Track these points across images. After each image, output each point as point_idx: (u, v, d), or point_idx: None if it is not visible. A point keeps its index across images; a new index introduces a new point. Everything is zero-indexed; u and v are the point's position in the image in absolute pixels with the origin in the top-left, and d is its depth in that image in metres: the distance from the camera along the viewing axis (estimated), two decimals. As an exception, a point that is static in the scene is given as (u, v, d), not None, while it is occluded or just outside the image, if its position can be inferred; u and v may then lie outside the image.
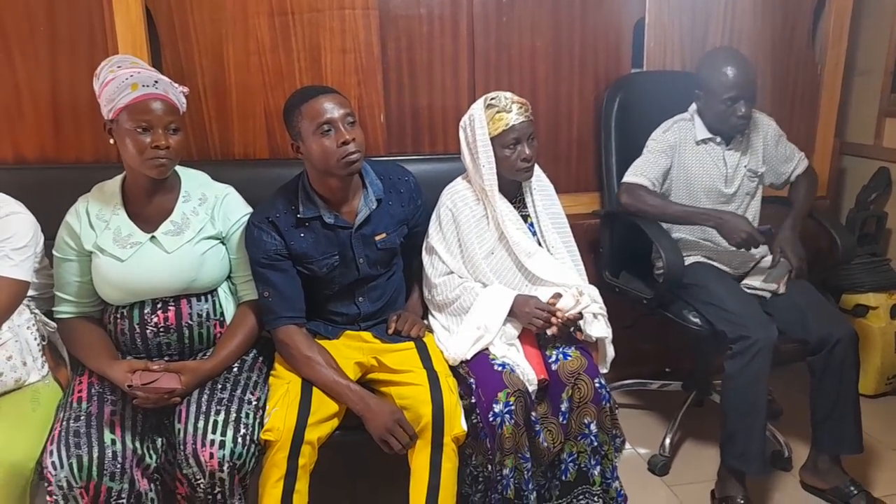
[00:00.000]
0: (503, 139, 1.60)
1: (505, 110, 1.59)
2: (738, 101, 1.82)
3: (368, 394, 1.47)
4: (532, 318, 1.57)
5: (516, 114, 1.59)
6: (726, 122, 1.87)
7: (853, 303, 2.36)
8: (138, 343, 1.50)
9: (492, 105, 1.61)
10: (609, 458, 1.56)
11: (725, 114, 1.85)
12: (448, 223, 1.67)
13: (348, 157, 1.46)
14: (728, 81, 1.82)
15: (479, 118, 1.61)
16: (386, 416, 1.41)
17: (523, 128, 1.60)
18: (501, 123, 1.59)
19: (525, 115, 1.60)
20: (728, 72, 1.83)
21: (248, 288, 1.58)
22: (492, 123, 1.60)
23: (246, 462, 1.36)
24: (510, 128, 1.59)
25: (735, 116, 1.84)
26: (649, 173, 1.92)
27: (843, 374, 1.74)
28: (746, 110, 1.83)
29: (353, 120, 1.49)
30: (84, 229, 1.48)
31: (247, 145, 2.01)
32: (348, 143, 1.46)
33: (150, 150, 1.39)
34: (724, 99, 1.83)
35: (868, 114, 2.50)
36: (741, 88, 1.82)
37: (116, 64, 1.42)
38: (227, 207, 1.57)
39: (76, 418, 1.36)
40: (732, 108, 1.83)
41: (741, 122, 1.85)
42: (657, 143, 1.95)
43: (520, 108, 1.60)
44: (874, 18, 2.45)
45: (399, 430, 1.40)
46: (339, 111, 1.47)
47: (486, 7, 2.07)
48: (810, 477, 1.87)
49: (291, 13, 1.94)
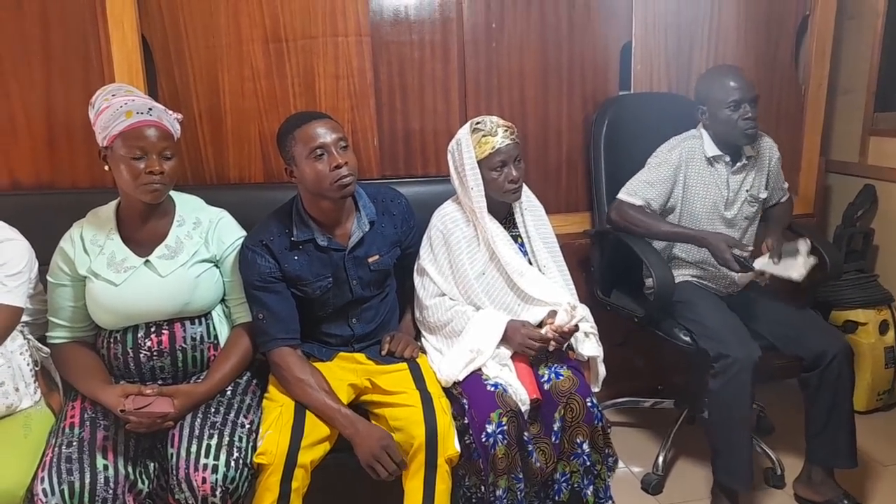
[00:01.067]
0: (490, 162, 1.62)
1: (491, 134, 1.62)
2: (742, 103, 1.84)
3: (358, 418, 1.47)
4: (525, 347, 1.59)
5: (502, 137, 1.62)
6: (735, 128, 1.86)
7: (843, 319, 2.38)
8: (132, 367, 1.51)
9: (478, 129, 1.64)
10: (602, 477, 1.57)
11: (732, 118, 1.85)
12: (439, 245, 1.69)
13: (341, 181, 1.49)
14: (730, 87, 1.85)
15: (466, 142, 1.64)
16: (373, 442, 1.41)
17: (509, 150, 1.62)
18: (488, 147, 1.62)
19: (511, 138, 1.63)
20: (727, 80, 1.87)
21: (241, 311, 1.59)
22: (478, 147, 1.63)
23: (239, 486, 1.35)
24: (496, 150, 1.61)
25: (742, 119, 1.85)
26: (645, 193, 1.93)
27: (839, 389, 1.75)
28: (753, 112, 1.85)
29: (345, 144, 1.52)
30: (78, 254, 1.49)
31: (242, 169, 2.03)
32: (341, 167, 1.48)
33: (144, 176, 1.41)
34: (729, 103, 1.85)
35: (852, 132, 2.54)
36: (744, 91, 1.85)
37: (111, 92, 1.45)
38: (221, 231, 1.58)
39: (68, 444, 1.36)
40: (738, 111, 1.85)
41: (749, 124, 1.85)
42: (660, 161, 1.95)
43: (505, 130, 1.63)
44: (856, 39, 2.51)
45: (385, 458, 1.40)
46: (331, 136, 1.49)
47: (476, 32, 2.11)
48: (804, 490, 1.87)
49: (285, 40, 1.97)
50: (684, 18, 2.26)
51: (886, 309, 2.37)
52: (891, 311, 2.38)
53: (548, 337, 1.58)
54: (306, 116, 1.54)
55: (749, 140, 1.91)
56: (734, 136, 1.89)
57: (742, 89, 1.85)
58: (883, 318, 2.35)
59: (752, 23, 2.33)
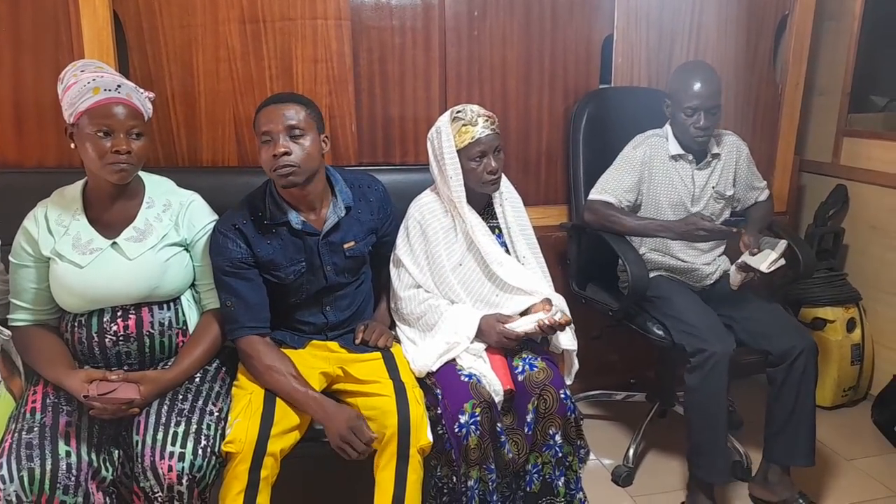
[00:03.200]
0: (469, 152, 1.61)
1: (471, 123, 1.61)
2: (698, 111, 1.86)
3: (327, 400, 1.46)
4: (502, 343, 1.59)
5: (482, 127, 1.60)
6: (687, 133, 1.90)
7: (811, 316, 2.42)
8: (96, 352, 1.47)
9: (458, 118, 1.62)
10: (573, 469, 1.58)
11: (686, 124, 1.88)
12: (416, 235, 1.68)
13: (280, 171, 1.46)
14: (690, 92, 1.86)
15: (446, 131, 1.62)
16: (341, 423, 1.40)
17: (489, 140, 1.61)
18: (467, 136, 1.60)
19: (491, 128, 1.62)
20: (692, 83, 1.87)
21: (212, 296, 1.56)
22: (458, 136, 1.61)
23: (206, 475, 1.33)
24: (476, 140, 1.60)
25: (694, 127, 1.87)
26: (615, 190, 1.95)
27: (802, 386, 1.78)
28: (706, 122, 1.86)
29: (299, 133, 1.47)
30: (42, 235, 1.44)
31: (215, 152, 1.99)
32: (279, 157, 1.45)
33: (110, 155, 1.36)
34: (686, 108, 1.87)
35: (826, 133, 2.59)
36: (702, 99, 1.85)
37: (80, 68, 1.40)
38: (191, 214, 1.55)
39: (29, 429, 1.32)
40: (692, 118, 1.87)
41: (699, 133, 1.88)
42: (625, 159, 1.98)
43: (486, 120, 1.62)
44: (833, 41, 2.54)
45: (353, 438, 1.39)
46: (282, 123, 1.45)
47: (458, 20, 2.09)
48: (760, 490, 1.89)
49: (263, 21, 1.93)
50: (666, 13, 2.27)
51: (854, 307, 2.42)
52: (858, 310, 2.43)
53: (521, 333, 1.57)
54: (272, 99, 1.51)
55: (699, 146, 1.94)
56: (686, 139, 1.93)
57: (702, 97, 1.85)
58: (851, 316, 2.40)
59: (733, 20, 2.34)
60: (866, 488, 1.99)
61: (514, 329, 1.58)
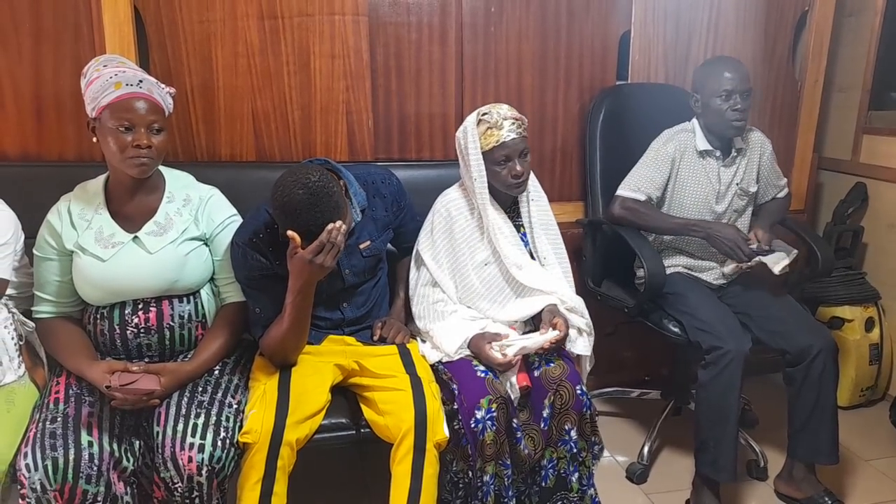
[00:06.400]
0: (493, 155, 1.59)
1: (496, 126, 1.58)
2: (734, 94, 1.85)
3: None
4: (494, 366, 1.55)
5: (507, 130, 1.58)
6: (723, 118, 1.87)
7: (829, 315, 2.40)
8: (118, 344, 1.49)
9: (483, 120, 1.60)
10: (586, 464, 1.58)
11: (722, 108, 1.86)
12: (440, 231, 1.67)
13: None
14: (724, 76, 1.86)
15: (472, 132, 1.61)
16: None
17: (514, 144, 1.59)
18: (492, 140, 1.59)
19: (517, 132, 1.59)
20: (722, 70, 1.87)
21: (231, 290, 1.58)
22: (483, 139, 1.60)
23: (225, 466, 1.35)
24: (500, 144, 1.58)
25: (731, 110, 1.85)
26: (646, 188, 1.94)
27: (822, 385, 1.76)
28: (743, 104, 1.85)
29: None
30: (65, 228, 1.47)
31: (233, 147, 2.00)
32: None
33: (131, 149, 1.38)
34: (721, 93, 1.85)
35: (846, 130, 2.55)
36: (736, 82, 1.85)
37: (103, 63, 1.42)
38: (211, 209, 1.56)
39: (52, 420, 1.35)
40: (728, 101, 1.85)
41: (737, 115, 1.86)
42: (657, 154, 1.95)
43: (512, 123, 1.59)
44: (853, 37, 2.51)
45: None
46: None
47: (475, 16, 2.09)
48: (785, 486, 1.89)
49: (281, 17, 1.94)
50: (684, 9, 2.25)
51: (873, 306, 2.39)
52: (877, 309, 2.40)
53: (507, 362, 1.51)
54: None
55: (736, 132, 1.91)
56: (722, 127, 1.90)
57: (735, 80, 1.85)
58: (869, 316, 2.38)
59: (752, 16, 2.32)
60: (885, 489, 1.97)
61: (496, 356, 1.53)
